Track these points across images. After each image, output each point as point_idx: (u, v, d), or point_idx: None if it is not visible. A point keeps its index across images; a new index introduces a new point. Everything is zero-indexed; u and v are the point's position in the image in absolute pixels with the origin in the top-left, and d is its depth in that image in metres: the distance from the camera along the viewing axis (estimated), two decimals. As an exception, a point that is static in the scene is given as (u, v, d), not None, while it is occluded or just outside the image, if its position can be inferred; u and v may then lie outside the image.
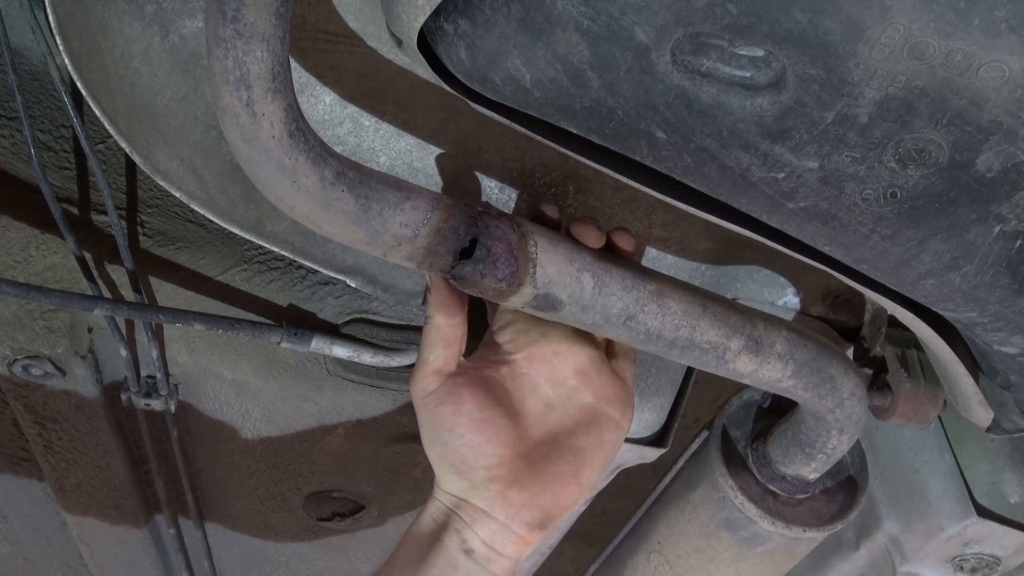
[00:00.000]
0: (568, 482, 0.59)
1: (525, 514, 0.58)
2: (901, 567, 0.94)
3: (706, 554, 0.79)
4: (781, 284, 0.77)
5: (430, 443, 0.58)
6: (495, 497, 0.57)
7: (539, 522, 0.58)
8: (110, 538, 1.18)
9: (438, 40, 0.42)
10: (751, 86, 0.37)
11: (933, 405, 0.73)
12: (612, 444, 0.61)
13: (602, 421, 0.61)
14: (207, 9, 0.36)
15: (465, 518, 0.58)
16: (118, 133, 0.56)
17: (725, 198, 0.44)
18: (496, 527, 0.58)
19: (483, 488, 0.57)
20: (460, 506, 0.58)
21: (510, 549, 0.58)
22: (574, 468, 0.59)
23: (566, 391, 0.62)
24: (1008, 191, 0.38)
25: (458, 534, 0.58)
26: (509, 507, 0.57)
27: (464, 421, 0.57)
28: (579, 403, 0.62)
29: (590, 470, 0.60)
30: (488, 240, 0.48)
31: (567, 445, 0.60)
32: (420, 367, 0.59)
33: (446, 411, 0.57)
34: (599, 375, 0.62)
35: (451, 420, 0.57)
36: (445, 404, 0.57)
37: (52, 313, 0.81)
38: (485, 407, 0.58)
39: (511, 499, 0.57)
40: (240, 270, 0.77)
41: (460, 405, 0.57)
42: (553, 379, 0.61)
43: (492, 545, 0.58)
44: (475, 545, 0.58)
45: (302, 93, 0.58)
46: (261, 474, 1.05)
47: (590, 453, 0.60)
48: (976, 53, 0.33)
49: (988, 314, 0.47)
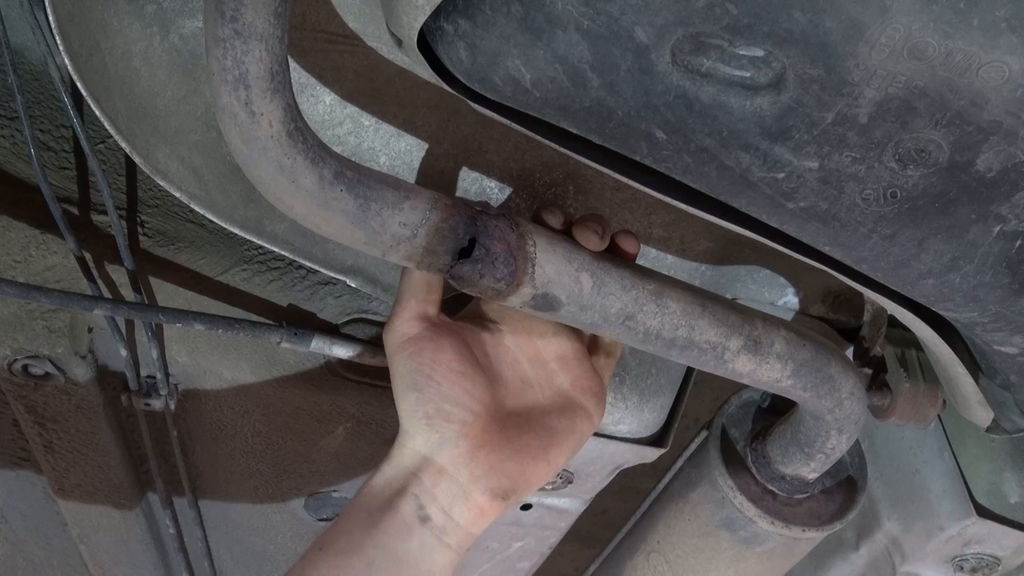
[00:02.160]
0: (537, 455, 0.57)
1: (491, 479, 0.55)
2: (901, 567, 0.94)
3: (705, 554, 0.79)
4: (781, 284, 0.77)
5: (404, 390, 0.55)
6: (463, 455, 0.54)
7: (503, 491, 0.55)
8: (110, 538, 1.18)
9: (438, 40, 0.42)
10: (751, 86, 0.37)
11: (932, 405, 0.73)
12: (582, 433, 0.61)
13: (576, 409, 0.61)
14: (206, 9, 0.36)
15: (426, 480, 0.55)
16: (118, 133, 0.56)
17: (725, 198, 0.44)
18: (456, 490, 0.54)
19: (452, 444, 0.54)
20: (422, 466, 0.55)
21: (467, 517, 0.55)
22: (544, 444, 0.58)
23: (545, 373, 0.61)
24: (1008, 191, 0.38)
25: (415, 499, 0.54)
26: (475, 468, 0.54)
27: (443, 369, 0.55)
28: (555, 387, 0.61)
29: (559, 451, 0.59)
30: (487, 240, 0.48)
31: (539, 422, 0.59)
32: (400, 312, 0.56)
33: (426, 356, 0.55)
34: (579, 366, 0.62)
35: (430, 366, 0.54)
36: (426, 350, 0.55)
37: (52, 313, 0.81)
38: (464, 361, 0.56)
39: (478, 460, 0.55)
40: (240, 270, 0.77)
41: (441, 352, 0.55)
42: (534, 358, 0.61)
43: (450, 512, 0.55)
44: (432, 512, 0.54)
45: (302, 93, 0.58)
46: (261, 474, 1.05)
47: (561, 435, 0.59)
48: (976, 53, 0.33)
49: (988, 314, 0.47)
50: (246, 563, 1.28)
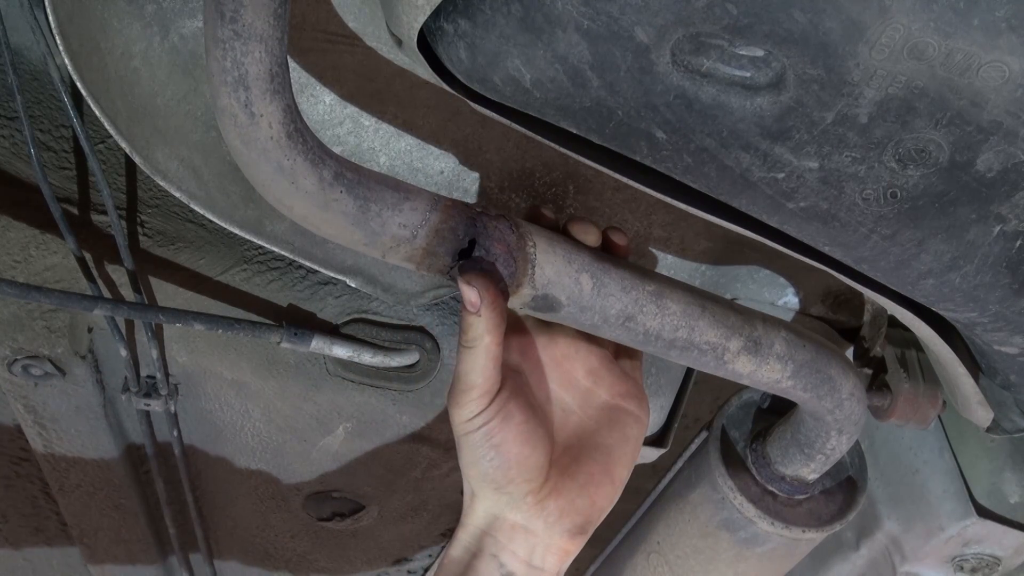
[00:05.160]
0: (601, 481, 0.58)
1: (565, 521, 0.55)
2: (901, 567, 0.94)
3: (705, 554, 0.79)
4: (781, 284, 0.77)
5: (473, 463, 0.55)
6: (532, 508, 0.55)
7: (579, 527, 0.56)
8: (110, 538, 1.18)
9: (438, 40, 0.42)
10: (751, 86, 0.37)
11: (932, 405, 0.73)
12: (636, 438, 0.61)
13: (622, 417, 0.60)
14: (205, 10, 0.36)
15: (501, 539, 0.55)
16: (118, 133, 0.56)
17: (725, 198, 0.44)
18: (535, 541, 0.55)
19: (520, 501, 0.55)
20: (495, 526, 0.56)
21: (552, 562, 0.56)
22: (605, 467, 0.58)
23: (581, 393, 0.61)
24: (1008, 191, 0.38)
25: (495, 559, 0.55)
26: (548, 516, 0.55)
27: (512, 436, 0.54)
28: (596, 403, 0.61)
29: (620, 466, 0.59)
30: (487, 241, 0.48)
31: (593, 445, 0.59)
32: (467, 391, 0.53)
33: (495, 427, 0.54)
34: (610, 374, 0.62)
35: (499, 436, 0.54)
36: (495, 421, 0.54)
37: (52, 313, 0.81)
38: (528, 421, 0.55)
39: (549, 508, 0.55)
40: (240, 270, 0.77)
41: (510, 420, 0.54)
42: (566, 383, 0.61)
43: (531, 562, 0.55)
44: (514, 567, 0.55)
45: (302, 93, 0.58)
46: (261, 474, 1.05)
47: (617, 449, 0.59)
48: (976, 53, 0.33)
49: (988, 314, 0.47)
50: (246, 563, 1.28)
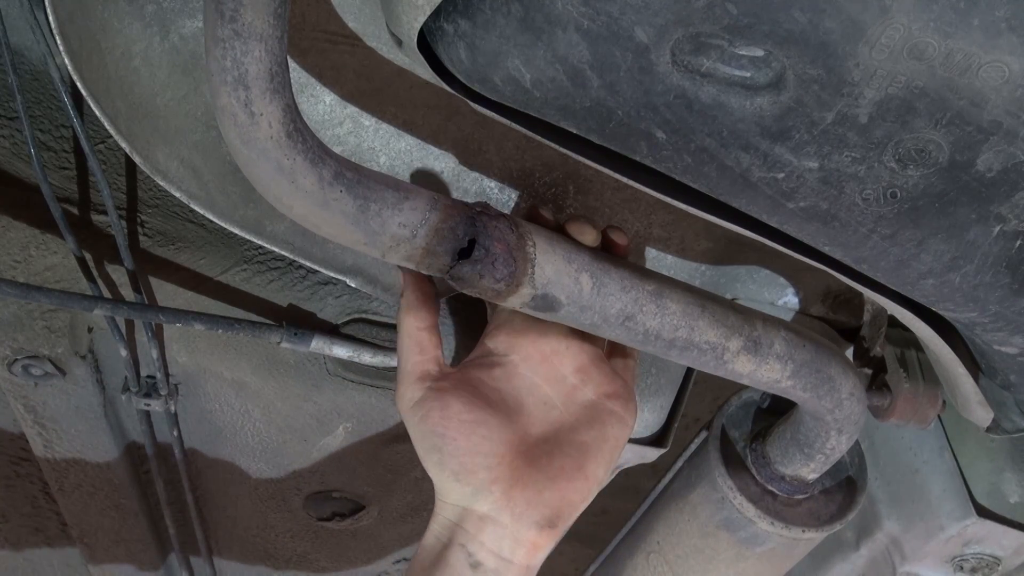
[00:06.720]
0: (573, 476, 0.57)
1: (533, 513, 0.55)
2: (901, 567, 0.94)
3: (705, 554, 0.79)
4: (781, 284, 0.77)
5: (425, 453, 0.56)
6: (499, 499, 0.55)
7: (548, 520, 0.56)
8: (110, 538, 1.18)
9: (438, 40, 0.42)
10: (751, 86, 0.37)
11: (932, 405, 0.73)
12: (616, 439, 0.60)
13: (604, 416, 0.60)
14: (205, 9, 0.36)
15: (470, 529, 0.56)
16: (118, 133, 0.56)
17: (725, 198, 0.44)
18: (503, 532, 0.55)
19: (486, 492, 0.55)
20: (464, 517, 0.56)
21: (520, 554, 0.56)
22: (578, 462, 0.58)
23: (566, 389, 0.61)
24: (1008, 191, 0.38)
25: (463, 548, 0.55)
26: (515, 507, 0.55)
27: (455, 424, 0.55)
28: (580, 400, 0.61)
29: (595, 464, 0.59)
30: (486, 240, 0.48)
31: (569, 440, 0.59)
32: (401, 379, 0.57)
33: (435, 417, 0.55)
34: (600, 373, 0.62)
35: (441, 426, 0.55)
36: (433, 411, 0.56)
37: (52, 313, 0.81)
38: (474, 408, 0.56)
39: (516, 499, 0.55)
40: (240, 270, 0.77)
41: (447, 409, 0.56)
42: (552, 378, 0.61)
43: (500, 554, 0.55)
44: (482, 557, 0.55)
45: (302, 93, 0.58)
46: (261, 474, 1.05)
47: (594, 447, 0.59)
48: (976, 53, 0.33)
49: (988, 314, 0.47)
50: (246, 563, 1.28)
